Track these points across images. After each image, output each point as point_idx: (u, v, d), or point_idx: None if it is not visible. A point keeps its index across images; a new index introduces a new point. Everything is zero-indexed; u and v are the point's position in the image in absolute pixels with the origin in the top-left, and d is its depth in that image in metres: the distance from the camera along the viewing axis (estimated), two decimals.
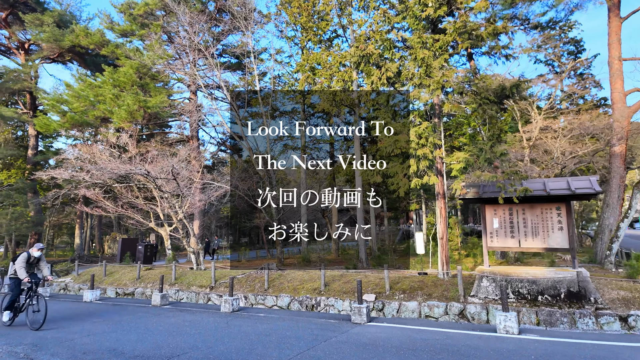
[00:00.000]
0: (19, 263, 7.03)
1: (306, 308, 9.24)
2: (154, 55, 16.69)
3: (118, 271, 14.99)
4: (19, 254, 7.34)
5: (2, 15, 21.29)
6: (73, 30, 19.30)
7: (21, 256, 7.17)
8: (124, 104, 15.19)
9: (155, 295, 9.90)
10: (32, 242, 23.53)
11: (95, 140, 16.98)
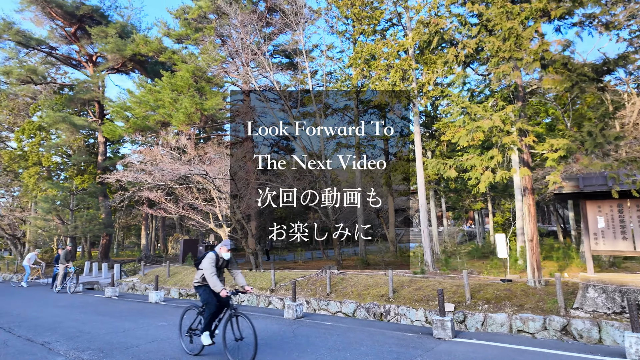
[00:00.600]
0: (208, 268, 5.07)
1: (374, 316, 8.48)
2: (209, 58, 16.83)
3: (181, 272, 15.24)
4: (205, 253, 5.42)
5: (71, 31, 22.85)
6: (134, 39, 20.13)
7: (208, 258, 5.20)
8: (182, 107, 15.41)
9: None
10: (105, 243, 25.03)
11: (156, 144, 17.53)
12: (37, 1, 20.46)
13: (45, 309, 9.79)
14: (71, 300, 11.62)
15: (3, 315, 8.82)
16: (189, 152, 13.17)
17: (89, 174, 24.45)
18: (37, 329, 7.21)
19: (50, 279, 15.37)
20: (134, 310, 9.40)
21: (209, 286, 5.16)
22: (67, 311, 9.39)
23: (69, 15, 21.54)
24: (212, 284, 5.02)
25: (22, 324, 7.75)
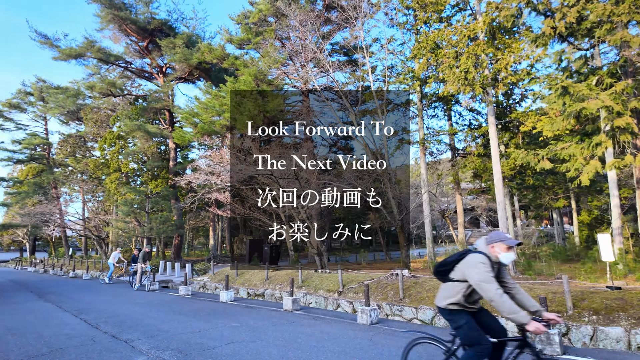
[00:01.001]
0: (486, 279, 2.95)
1: None
2: (269, 60, 16.99)
3: (248, 271, 15.47)
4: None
5: (143, 45, 24.53)
6: (199, 48, 21.01)
7: (477, 262, 3.05)
8: (246, 110, 15.67)
9: (286, 300, 9.51)
10: (177, 243, 26.51)
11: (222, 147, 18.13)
12: (114, 20, 22.22)
13: (126, 306, 10.32)
14: (149, 298, 12.21)
15: (91, 311, 9.41)
16: (253, 153, 13.30)
17: (161, 178, 26.06)
18: (121, 326, 7.50)
19: (130, 277, 16.46)
20: (206, 310, 9.54)
21: (481, 311, 3.23)
22: (146, 309, 9.79)
23: (142, 30, 23.13)
24: (507, 309, 2.87)
25: (107, 320, 8.14)
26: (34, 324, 7.82)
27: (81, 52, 22.73)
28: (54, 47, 22.64)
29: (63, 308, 10.16)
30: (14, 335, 6.78)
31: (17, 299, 12.49)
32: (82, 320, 8.21)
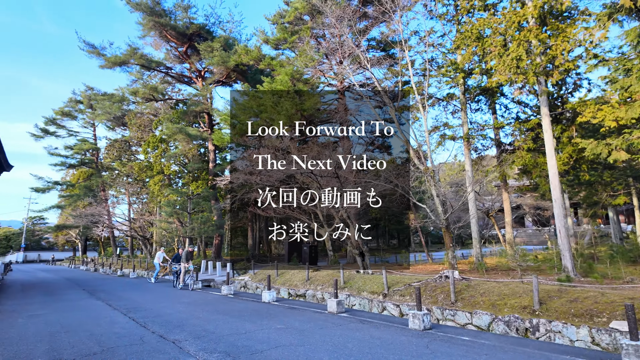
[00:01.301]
0: None
1: (517, 332, 7.10)
2: (305, 59, 16.80)
3: (288, 272, 15.34)
4: None
5: (183, 50, 25.17)
6: (235, 50, 21.24)
7: None
8: (283, 110, 15.56)
9: (330, 302, 9.21)
10: (217, 243, 27.02)
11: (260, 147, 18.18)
12: (155, 26, 22.95)
13: (172, 305, 10.43)
14: (193, 298, 12.33)
15: (139, 310, 9.56)
16: (292, 152, 13.15)
17: (202, 180, 26.64)
18: (168, 325, 7.49)
19: (173, 276, 16.79)
20: (250, 310, 9.43)
21: None
22: (191, 308, 9.83)
23: (181, 35, 23.74)
24: None
25: (154, 319, 8.19)
26: (86, 322, 8.00)
27: (125, 59, 23.68)
28: (101, 55, 23.76)
29: (112, 306, 10.43)
30: (67, 333, 6.93)
31: (70, 297, 13.04)
32: (131, 319, 8.32)
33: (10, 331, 7.13)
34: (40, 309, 9.95)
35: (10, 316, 8.86)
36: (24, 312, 9.54)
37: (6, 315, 9.09)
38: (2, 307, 10.65)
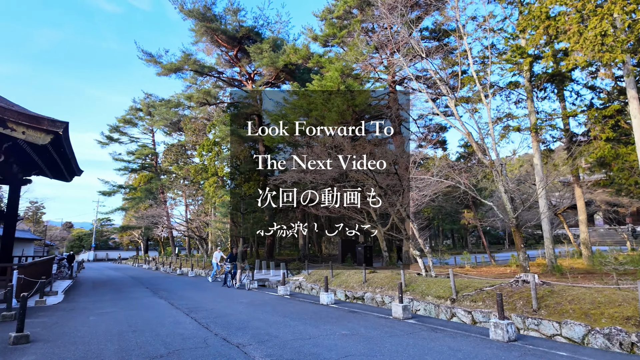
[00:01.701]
0: None
1: (620, 347, 6.10)
2: (356, 53, 16.27)
3: (343, 272, 14.91)
4: None
5: (233, 54, 25.67)
6: (284, 50, 21.21)
7: None
8: (334, 106, 15.17)
9: (395, 307, 8.63)
10: (269, 243, 27.27)
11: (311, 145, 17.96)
12: (207, 32, 23.60)
13: (231, 306, 10.38)
14: (251, 298, 12.28)
15: (200, 310, 9.58)
16: (345, 149, 12.70)
17: (253, 180, 27.03)
18: (230, 327, 7.34)
19: (225, 276, 16.71)
20: (310, 313, 9.10)
21: None
22: (250, 309, 9.70)
23: (231, 39, 24.21)
24: None
25: (216, 320, 8.10)
26: (151, 322, 8.09)
27: (180, 65, 24.60)
28: (158, 63, 24.89)
29: (174, 305, 10.60)
30: (135, 333, 6.98)
31: (135, 295, 13.56)
32: (193, 319, 8.30)
33: (82, 329, 7.35)
34: (109, 307, 10.33)
35: (83, 313, 9.24)
36: (95, 309, 9.95)
37: (79, 312, 9.51)
38: (76, 304, 11.24)
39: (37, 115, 11.61)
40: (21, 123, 11.41)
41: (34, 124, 11.48)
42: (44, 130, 11.63)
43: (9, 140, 12.36)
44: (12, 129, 11.33)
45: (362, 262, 15.61)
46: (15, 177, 16.56)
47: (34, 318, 8.41)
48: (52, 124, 11.66)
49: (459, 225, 41.76)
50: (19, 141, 11.93)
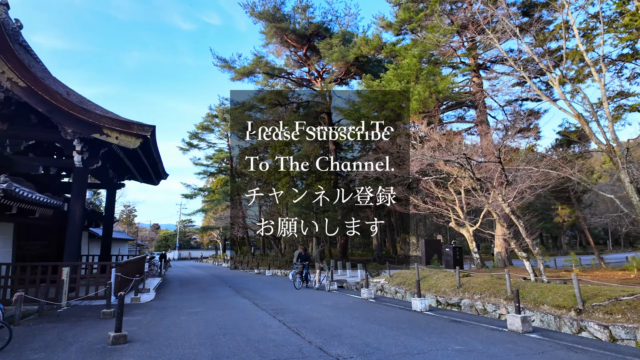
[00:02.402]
0: None
1: None
2: (436, 35, 14.90)
3: (430, 276, 13.66)
4: None
5: (302, 53, 25.53)
6: (354, 43, 20.41)
7: None
8: (415, 94, 13.99)
9: (512, 318, 7.34)
10: (343, 242, 26.67)
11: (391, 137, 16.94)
12: (276, 33, 23.72)
13: (316, 309, 9.81)
14: (334, 300, 11.64)
15: (286, 312, 9.13)
16: (432, 139, 11.50)
17: (325, 179, 26.63)
18: (322, 334, 6.70)
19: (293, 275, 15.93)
20: (405, 321, 8.15)
21: None
22: (338, 313, 9.02)
23: (300, 37, 24.06)
24: None
25: (305, 325, 7.54)
26: (240, 324, 7.77)
27: (252, 68, 25.07)
28: (231, 68, 25.66)
29: (259, 306, 10.32)
30: (226, 336, 6.65)
31: (220, 294, 13.69)
32: (281, 322, 7.84)
33: (175, 330, 7.22)
34: (197, 306, 10.37)
35: (174, 312, 9.30)
36: (185, 308, 10.01)
37: (170, 311, 9.61)
38: (167, 302, 11.52)
39: (128, 121, 12.19)
40: (114, 129, 12.05)
41: (125, 129, 12.06)
42: (134, 135, 12.17)
43: (105, 146, 13.20)
44: (107, 135, 12.00)
45: (451, 265, 14.21)
46: (111, 181, 17.88)
47: (130, 316, 8.58)
48: (141, 128, 12.15)
49: (550, 224, 37.42)
50: (113, 146, 12.63)
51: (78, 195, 12.58)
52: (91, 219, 20.14)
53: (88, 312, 9.21)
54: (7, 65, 11.26)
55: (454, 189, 14.88)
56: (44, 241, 14.68)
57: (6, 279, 10.68)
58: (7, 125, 12.37)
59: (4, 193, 8.45)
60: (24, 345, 5.98)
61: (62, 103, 11.55)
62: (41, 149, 14.57)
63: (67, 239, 12.10)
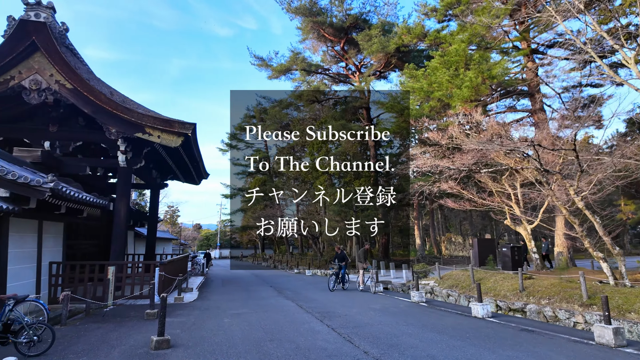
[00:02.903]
0: None
1: None
2: (488, 16, 13.72)
3: (486, 278, 12.56)
4: None
5: (339, 47, 24.86)
6: (395, 32, 19.49)
7: None
8: (466, 81, 12.94)
9: (601, 329, 6.28)
10: (384, 242, 25.75)
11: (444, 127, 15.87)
12: (313, 28, 23.23)
13: (365, 313, 9.13)
14: (382, 303, 10.90)
15: (333, 316, 8.53)
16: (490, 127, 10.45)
17: (364, 177, 25.83)
18: (378, 343, 6.02)
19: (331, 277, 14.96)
20: (468, 329, 7.29)
21: None
22: (390, 319, 8.29)
23: (337, 31, 23.42)
24: None
25: (356, 332, 6.90)
26: (286, 328, 7.25)
27: (289, 66, 24.75)
28: (268, 66, 25.49)
29: (303, 308, 9.80)
30: (272, 342, 6.14)
31: (262, 294, 13.34)
32: (330, 328, 7.24)
33: (219, 334, 6.82)
34: (240, 307, 10.00)
35: (217, 314, 8.96)
36: (228, 309, 9.67)
37: (213, 312, 9.29)
38: (209, 302, 11.28)
39: (169, 119, 12.09)
40: (156, 127, 11.99)
41: (167, 127, 11.97)
42: (175, 133, 12.06)
43: (147, 146, 13.23)
44: (149, 134, 11.96)
45: (509, 266, 13.01)
46: (155, 181, 18.12)
47: (173, 317, 8.33)
48: (182, 126, 12.02)
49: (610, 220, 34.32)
50: (155, 145, 12.61)
51: (122, 195, 12.66)
52: (137, 219, 20.61)
53: (132, 311, 9.08)
54: (55, 67, 11.48)
55: (508, 183, 13.65)
56: (93, 240, 15.03)
57: (57, 277, 10.86)
58: (56, 127, 12.70)
59: (52, 192, 8.45)
60: (67, 347, 5.77)
61: (106, 103, 11.62)
62: (89, 150, 14.91)
63: (113, 238, 12.21)
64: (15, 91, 11.37)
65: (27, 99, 11.40)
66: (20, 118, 12.87)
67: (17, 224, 9.20)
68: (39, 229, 10.39)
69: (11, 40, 11.08)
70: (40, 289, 10.29)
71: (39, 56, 11.48)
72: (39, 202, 8.84)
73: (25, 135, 12.51)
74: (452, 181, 11.92)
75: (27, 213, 9.17)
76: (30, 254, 9.99)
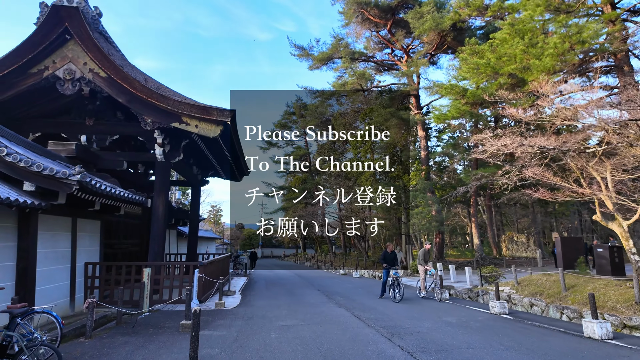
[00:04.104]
0: None
1: None
2: None
3: (580, 284, 10.37)
4: None
5: (385, 31, 23.02)
6: (451, 7, 17.40)
7: None
8: (547, 49, 10.79)
9: None
10: (439, 241, 23.61)
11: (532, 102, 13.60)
12: (356, 11, 21.64)
13: (440, 328, 7.41)
14: (456, 315, 9.09)
15: (403, 333, 6.90)
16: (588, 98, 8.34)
17: (415, 170, 23.83)
18: None
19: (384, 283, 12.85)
20: (592, 357, 5.40)
21: None
22: (477, 338, 6.53)
23: (384, 12, 21.66)
24: None
25: (443, 358, 5.22)
26: (348, 350, 5.75)
27: (330, 53, 23.31)
28: (309, 56, 24.20)
29: (362, 320, 8.25)
30: None
31: (310, 299, 11.95)
32: (406, 352, 5.64)
33: (266, 355, 5.44)
34: (288, 317, 8.63)
35: (263, 326, 7.63)
36: (274, 319, 8.33)
37: (258, 323, 7.98)
38: (253, 309, 10.03)
39: (207, 106, 11.02)
40: (194, 116, 10.97)
41: (205, 115, 10.92)
42: (213, 122, 10.99)
43: (185, 138, 12.32)
44: (186, 123, 10.96)
45: (607, 270, 10.73)
46: (196, 178, 17.34)
47: (212, 329, 7.10)
48: (220, 113, 10.92)
49: None
50: (193, 136, 11.64)
51: (160, 190, 11.78)
52: (178, 217, 20.03)
53: (168, 321, 7.98)
54: (89, 55, 10.76)
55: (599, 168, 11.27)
56: (134, 240, 14.38)
57: (92, 279, 10.09)
58: (93, 120, 12.05)
59: (79, 185, 7.52)
60: None
61: (140, 91, 10.75)
62: (127, 145, 14.30)
63: (151, 237, 11.35)
64: (50, 82, 10.76)
65: (62, 90, 10.75)
66: (57, 113, 12.39)
67: (47, 221, 8.41)
68: (73, 227, 9.63)
69: (43, 28, 10.46)
70: (75, 292, 9.53)
71: (73, 44, 10.81)
72: (69, 198, 7.98)
73: (62, 130, 11.98)
74: (536, 166, 9.83)
75: (58, 209, 8.36)
76: (63, 254, 9.23)
